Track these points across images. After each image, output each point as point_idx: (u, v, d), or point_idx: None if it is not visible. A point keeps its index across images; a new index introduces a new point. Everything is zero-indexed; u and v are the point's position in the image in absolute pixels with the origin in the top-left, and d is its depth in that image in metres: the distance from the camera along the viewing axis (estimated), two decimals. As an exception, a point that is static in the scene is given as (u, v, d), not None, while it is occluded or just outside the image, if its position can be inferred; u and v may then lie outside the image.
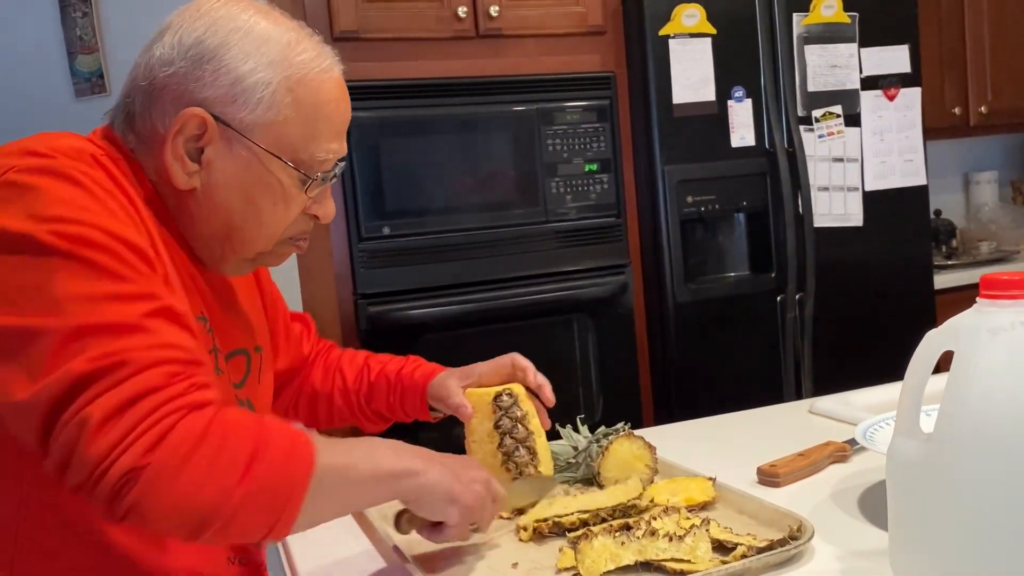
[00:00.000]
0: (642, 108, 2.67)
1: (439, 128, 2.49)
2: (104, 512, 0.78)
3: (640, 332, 2.77)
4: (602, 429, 1.25)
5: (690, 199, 2.69)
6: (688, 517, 1.02)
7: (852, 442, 1.27)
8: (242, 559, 1.06)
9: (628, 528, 0.98)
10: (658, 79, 2.63)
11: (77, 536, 0.91)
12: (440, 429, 1.47)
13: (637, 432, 1.24)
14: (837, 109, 2.81)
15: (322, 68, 0.99)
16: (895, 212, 2.89)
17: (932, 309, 2.96)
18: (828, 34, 2.78)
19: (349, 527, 1.19)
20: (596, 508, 1.07)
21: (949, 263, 3.35)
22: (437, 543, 1.02)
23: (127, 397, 0.77)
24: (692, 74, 2.66)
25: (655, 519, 1.00)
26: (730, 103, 2.71)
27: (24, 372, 0.78)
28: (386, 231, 2.44)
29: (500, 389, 1.20)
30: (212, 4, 0.98)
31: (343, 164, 1.04)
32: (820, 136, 2.80)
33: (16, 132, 0.95)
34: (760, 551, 0.95)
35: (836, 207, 2.83)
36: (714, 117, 2.69)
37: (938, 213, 3.57)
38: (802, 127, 2.76)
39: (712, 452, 1.37)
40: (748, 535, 1.00)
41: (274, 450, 0.82)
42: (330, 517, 0.90)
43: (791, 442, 1.31)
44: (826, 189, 2.82)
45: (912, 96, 2.90)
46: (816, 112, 2.79)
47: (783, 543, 0.96)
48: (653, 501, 1.10)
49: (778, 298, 2.78)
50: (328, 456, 0.86)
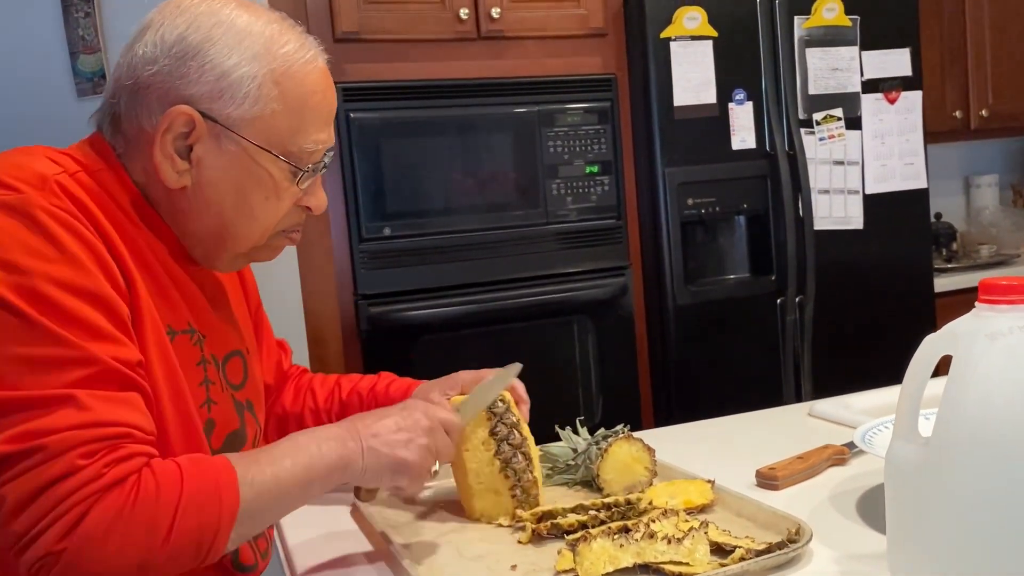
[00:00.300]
0: (643, 110, 2.67)
1: (440, 129, 2.49)
2: None
3: (640, 334, 2.77)
4: (601, 431, 1.25)
5: (691, 201, 2.69)
6: (687, 519, 1.02)
7: (851, 445, 1.27)
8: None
9: (627, 530, 0.98)
10: (659, 81, 2.63)
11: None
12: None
13: (636, 434, 1.24)
14: (838, 112, 2.81)
15: (306, 59, 0.99)
16: (895, 215, 2.89)
17: (932, 312, 2.96)
18: (829, 37, 2.78)
19: (349, 526, 1.19)
20: (591, 504, 1.08)
21: (949, 266, 3.35)
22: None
23: (43, 482, 0.78)
24: (693, 76, 2.66)
25: (654, 521, 1.00)
26: (731, 106, 2.71)
27: None
28: (387, 232, 2.44)
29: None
30: (192, 0, 0.97)
31: (332, 154, 1.04)
32: (821, 139, 2.80)
33: (17, 132, 0.96)
34: (758, 554, 0.95)
35: (836, 210, 2.83)
36: (715, 119, 2.69)
37: (938, 216, 3.57)
38: (803, 130, 2.76)
39: (711, 454, 1.37)
40: (747, 538, 1.00)
41: (198, 498, 0.83)
42: (267, 527, 0.94)
43: (790, 445, 1.31)
44: (827, 192, 2.82)
45: (913, 99, 2.90)
46: (817, 115, 2.79)
47: (781, 546, 0.96)
48: (652, 503, 1.10)
49: (778, 301, 2.78)
50: (252, 486, 0.87)
